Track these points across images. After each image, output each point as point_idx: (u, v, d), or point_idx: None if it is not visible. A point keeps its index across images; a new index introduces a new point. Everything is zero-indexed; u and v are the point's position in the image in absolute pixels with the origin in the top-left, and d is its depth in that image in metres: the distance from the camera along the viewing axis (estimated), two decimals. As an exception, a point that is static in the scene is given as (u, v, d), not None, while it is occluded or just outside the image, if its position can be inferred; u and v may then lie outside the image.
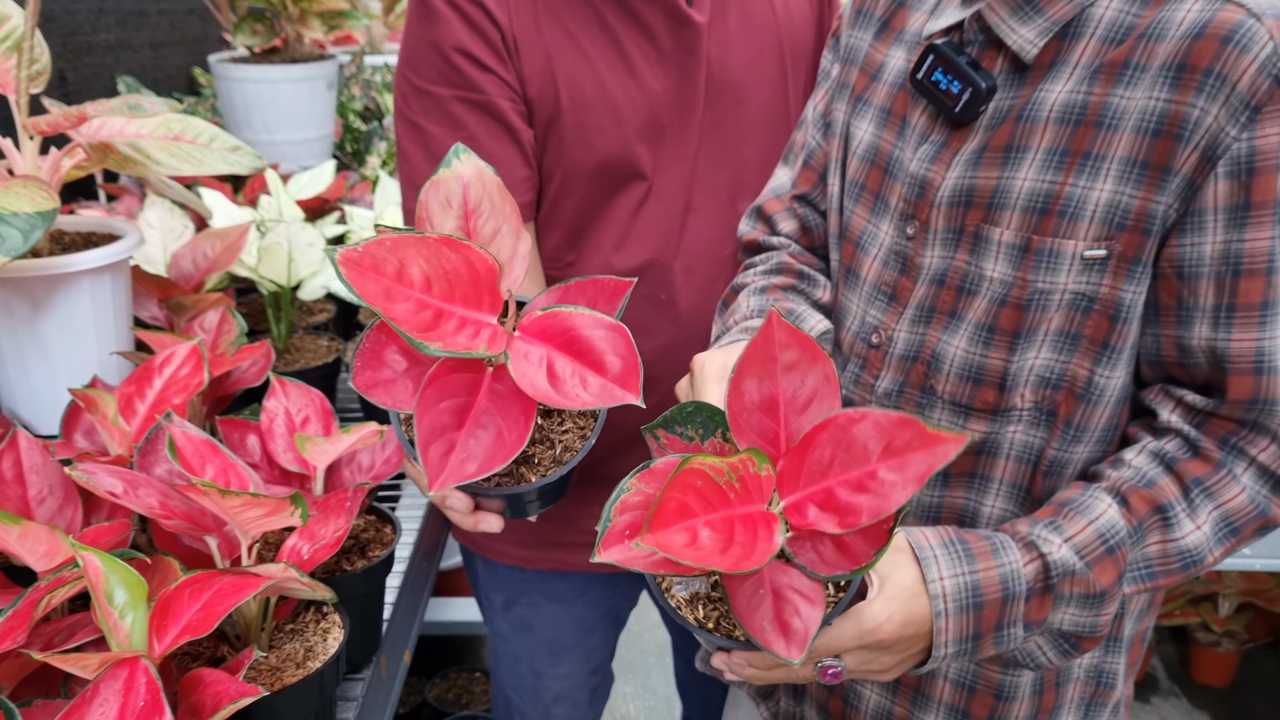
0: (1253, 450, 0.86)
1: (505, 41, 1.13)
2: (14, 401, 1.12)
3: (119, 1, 2.14)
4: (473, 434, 0.73)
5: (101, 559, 0.70)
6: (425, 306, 0.71)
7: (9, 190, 1.00)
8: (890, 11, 1.05)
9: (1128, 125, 0.83)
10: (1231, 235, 0.82)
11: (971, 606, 0.82)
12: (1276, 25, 0.79)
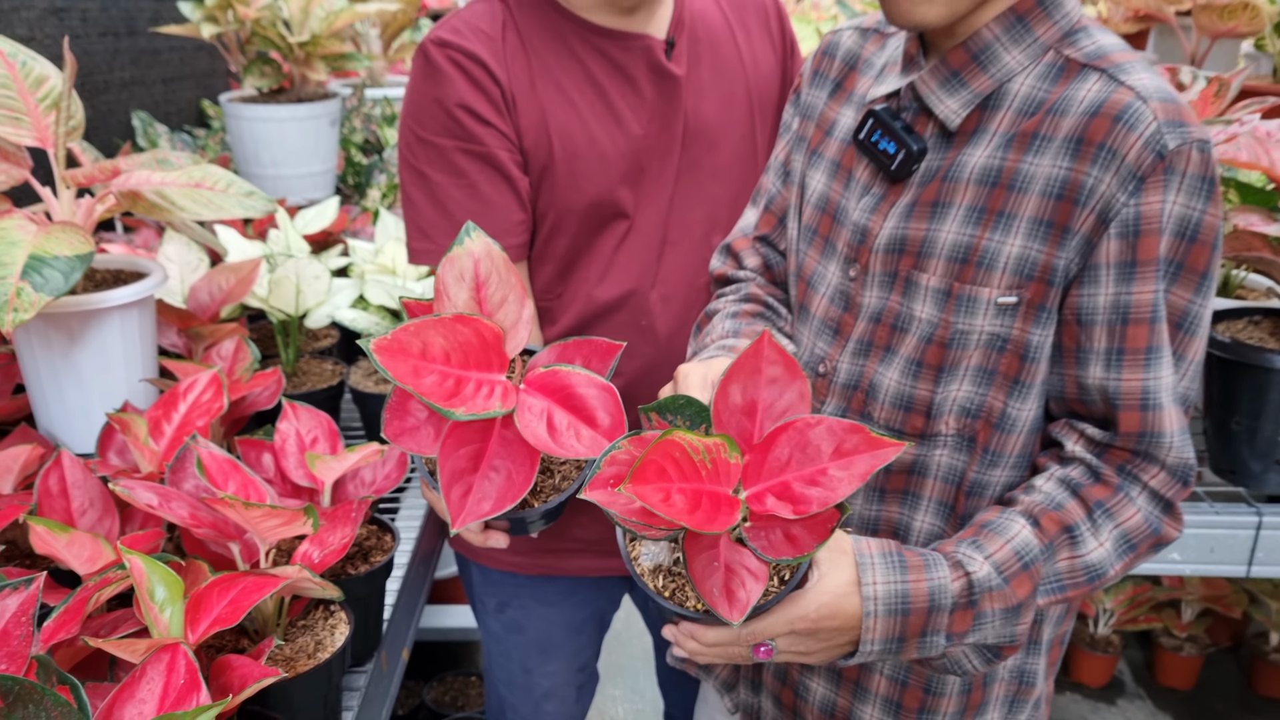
0: (1145, 476, 0.98)
1: (504, 97, 1.26)
2: (50, 423, 1.24)
3: (133, 41, 2.28)
4: (486, 476, 0.86)
5: (145, 561, 0.82)
6: (447, 376, 0.84)
7: (50, 235, 1.13)
8: (843, 74, 1.18)
9: (1036, 189, 0.95)
10: (1121, 288, 0.94)
11: (899, 612, 0.93)
12: (1160, 107, 0.91)
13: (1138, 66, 0.95)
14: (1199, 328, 0.97)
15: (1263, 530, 1.49)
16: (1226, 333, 1.53)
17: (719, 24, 1.39)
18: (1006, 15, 0.98)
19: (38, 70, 1.22)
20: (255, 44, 1.92)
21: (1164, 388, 0.95)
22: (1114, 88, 0.93)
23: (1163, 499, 0.97)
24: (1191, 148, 0.90)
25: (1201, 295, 0.95)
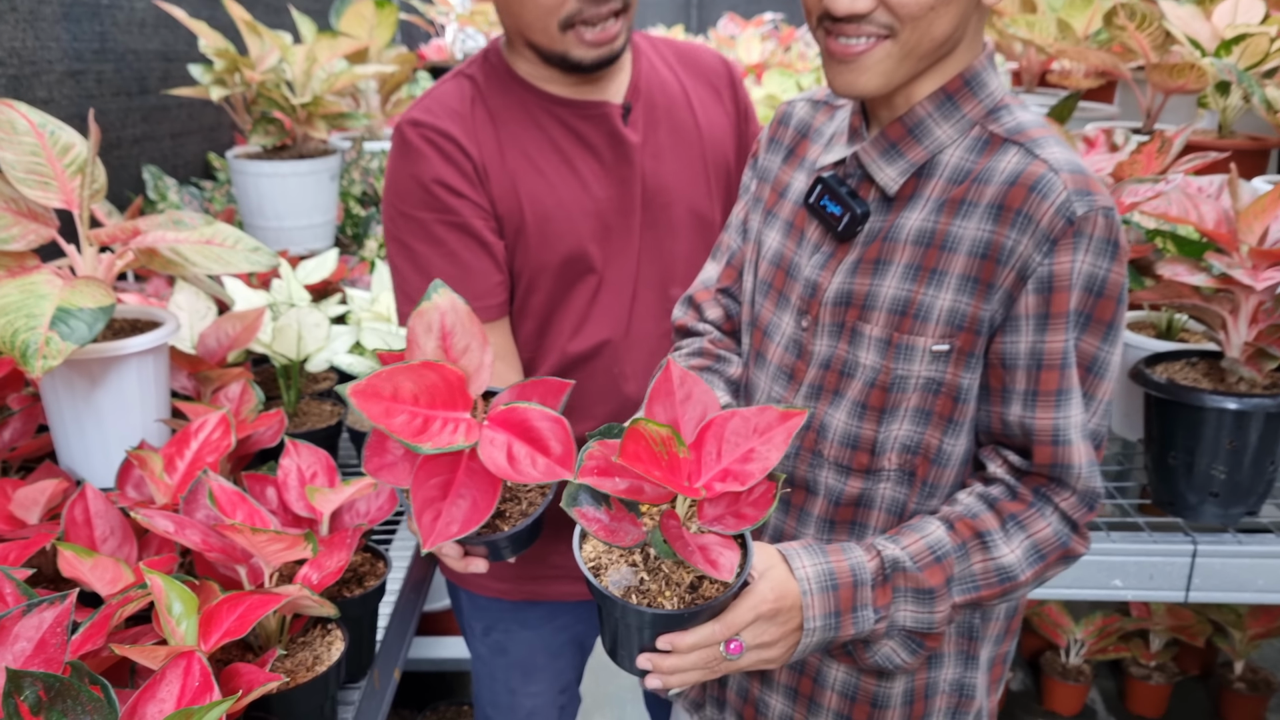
0: (1057, 499, 1.09)
1: (476, 170, 1.38)
2: (71, 460, 1.35)
3: (144, 99, 2.41)
4: (454, 503, 0.98)
5: (164, 580, 0.93)
6: (416, 416, 0.96)
7: (75, 289, 1.25)
8: (796, 141, 1.30)
9: (964, 249, 1.07)
10: (1037, 337, 1.06)
11: (830, 587, 1.05)
12: (1069, 178, 1.03)
13: (1050, 141, 1.07)
14: (1107, 371, 1.08)
15: (1198, 558, 1.60)
16: (1164, 374, 1.64)
17: (675, 90, 1.52)
18: (938, 94, 1.10)
19: (64, 139, 1.34)
20: (260, 104, 2.05)
21: (1073, 425, 1.07)
22: (1030, 160, 1.05)
23: (1071, 519, 1.09)
24: (1097, 214, 1.02)
25: (1108, 343, 1.07)
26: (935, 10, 1.01)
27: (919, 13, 1.01)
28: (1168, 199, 1.58)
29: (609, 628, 1.01)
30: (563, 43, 1.36)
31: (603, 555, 1.01)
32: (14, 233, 1.28)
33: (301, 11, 3.32)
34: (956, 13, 1.02)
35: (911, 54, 1.04)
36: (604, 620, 1.02)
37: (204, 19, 2.50)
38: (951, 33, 1.04)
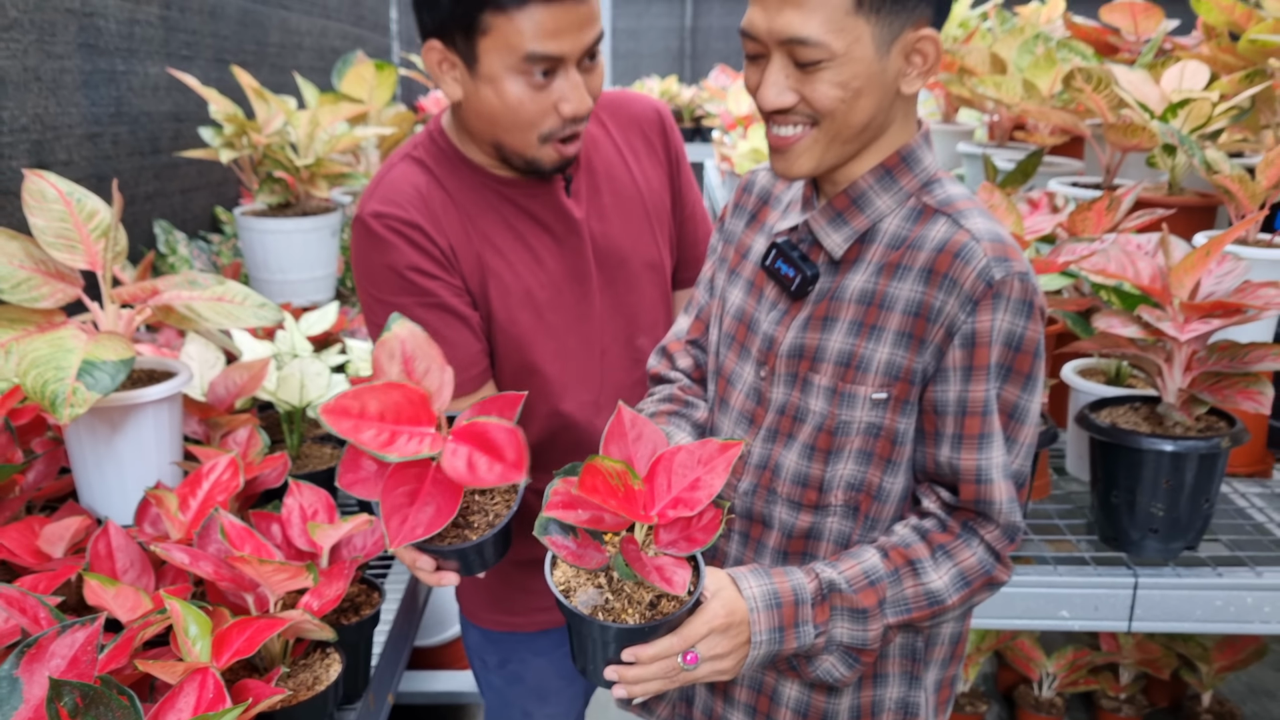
0: (982, 531, 1.21)
1: (445, 254, 1.47)
2: (92, 499, 1.47)
3: (156, 158, 2.55)
4: (420, 509, 1.10)
5: (182, 606, 1.05)
6: (383, 430, 1.08)
7: (99, 343, 1.37)
8: (757, 207, 1.43)
9: (899, 308, 1.20)
10: (963, 387, 1.18)
11: (774, 605, 1.17)
12: (989, 246, 1.16)
13: (975, 213, 1.20)
14: (1026, 417, 1.21)
15: (1140, 590, 1.71)
16: (1108, 418, 1.76)
17: (611, 151, 1.63)
18: (878, 169, 1.23)
19: (90, 205, 1.47)
20: (266, 165, 2.19)
21: (995, 465, 1.19)
22: (956, 230, 1.18)
23: (994, 550, 1.21)
24: (1014, 278, 1.15)
25: (1028, 392, 1.20)
26: (849, 103, 1.14)
27: (834, 106, 1.14)
28: (1106, 256, 1.71)
29: (578, 643, 1.13)
30: (537, 151, 1.45)
31: (571, 579, 1.13)
32: (44, 292, 1.40)
33: (305, 68, 3.48)
34: (873, 103, 1.15)
35: (836, 140, 1.17)
36: (573, 637, 1.13)
37: (213, 82, 2.65)
38: (870, 120, 1.17)
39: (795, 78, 1.16)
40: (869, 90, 1.15)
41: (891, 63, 1.15)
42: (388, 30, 5.08)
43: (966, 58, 3.05)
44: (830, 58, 1.13)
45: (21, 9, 1.94)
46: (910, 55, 1.16)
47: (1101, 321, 1.66)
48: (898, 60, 1.16)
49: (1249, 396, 1.66)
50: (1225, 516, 1.91)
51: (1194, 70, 2.33)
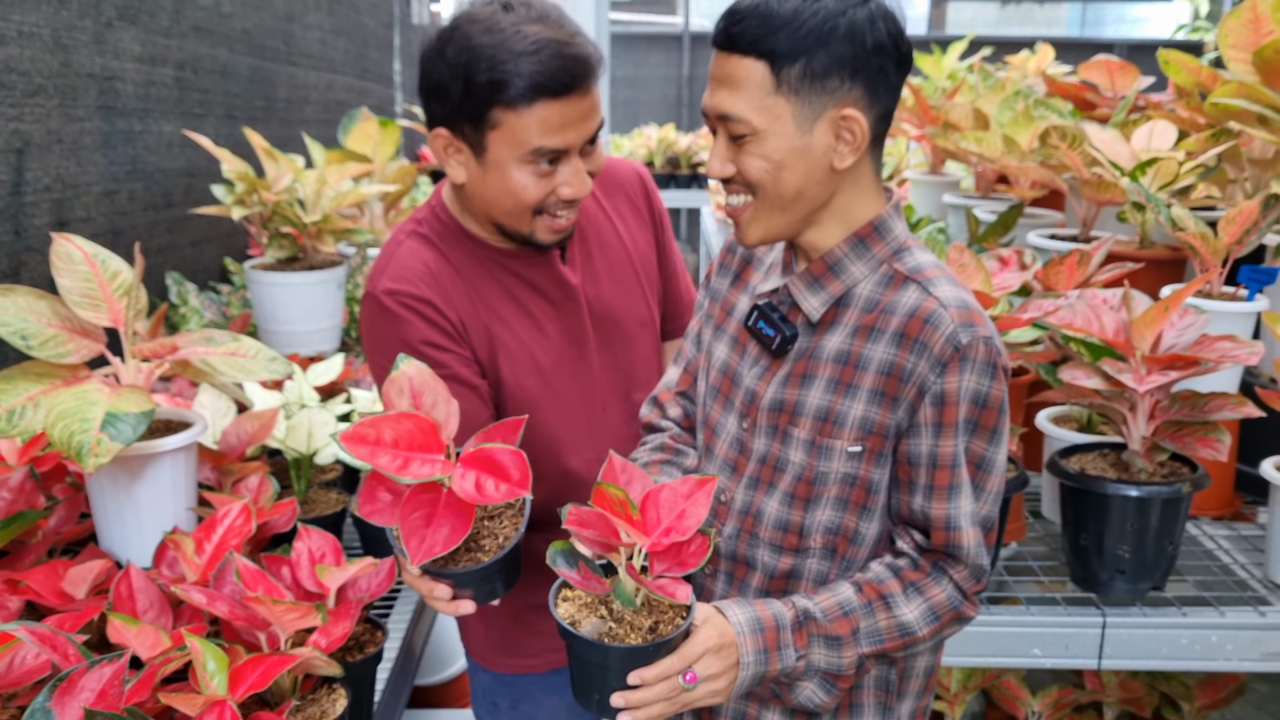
0: (952, 571, 1.30)
1: (455, 327, 1.57)
2: (111, 543, 1.56)
3: (169, 212, 2.66)
4: (436, 529, 1.19)
5: (201, 643, 1.13)
6: (397, 456, 1.18)
7: (121, 396, 1.46)
8: (741, 268, 1.52)
9: (873, 368, 1.29)
10: (933, 441, 1.28)
11: (758, 629, 1.26)
12: (956, 313, 1.25)
13: (942, 280, 1.30)
14: (993, 468, 1.30)
15: (1108, 629, 1.79)
16: (1077, 465, 1.85)
17: (601, 218, 1.73)
18: (852, 238, 1.33)
19: (113, 266, 1.57)
20: (276, 221, 2.29)
21: (963, 514, 1.28)
22: (925, 297, 1.28)
23: (961, 589, 1.30)
24: (979, 342, 1.25)
25: (994, 445, 1.29)
26: (773, 174, 1.26)
27: (760, 177, 1.26)
28: (1073, 310, 1.81)
29: (583, 673, 1.23)
30: (530, 225, 1.54)
31: (575, 613, 1.24)
32: (69, 348, 1.50)
33: (311, 121, 3.60)
34: (798, 176, 1.26)
35: (773, 209, 1.29)
36: (577, 668, 1.23)
37: (224, 138, 2.77)
38: (800, 190, 1.27)
39: (732, 150, 1.28)
40: (791, 164, 1.25)
41: (817, 139, 1.25)
42: (391, 82, 5.22)
43: (951, 113, 3.16)
44: (753, 133, 1.25)
45: (46, 75, 2.05)
46: (838, 133, 1.26)
47: (1066, 373, 1.76)
48: (825, 137, 1.26)
49: (1208, 444, 1.75)
50: (1193, 558, 1.99)
51: (1162, 130, 2.44)
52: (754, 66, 1.23)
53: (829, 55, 1.22)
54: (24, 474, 1.56)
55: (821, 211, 1.32)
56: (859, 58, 1.23)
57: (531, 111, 1.45)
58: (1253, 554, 1.99)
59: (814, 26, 1.21)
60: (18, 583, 1.40)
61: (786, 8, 1.22)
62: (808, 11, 1.21)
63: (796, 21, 1.21)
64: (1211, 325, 1.82)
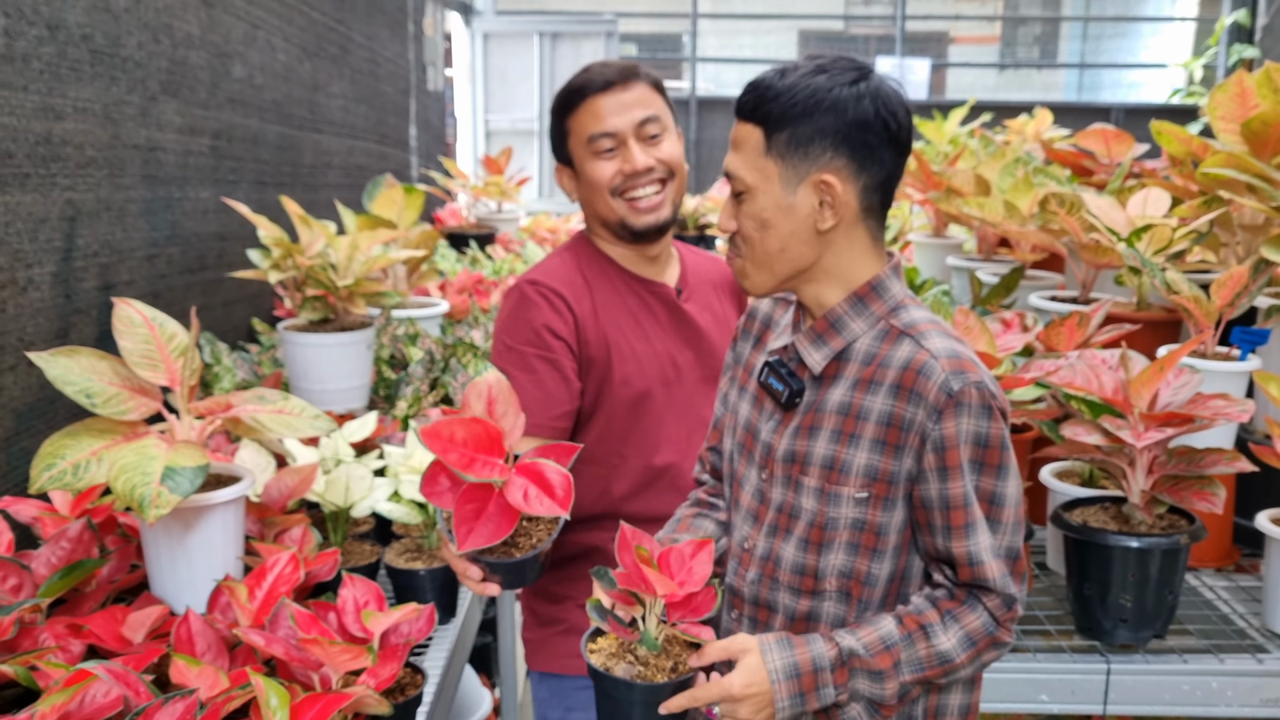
0: (986, 601, 1.38)
1: (576, 323, 1.85)
2: (163, 590, 1.64)
3: (203, 274, 2.77)
4: (484, 524, 1.36)
5: (265, 681, 1.21)
6: (465, 455, 1.35)
7: (178, 451, 1.55)
8: (761, 331, 1.63)
9: (873, 418, 1.39)
10: (941, 485, 1.36)
11: (794, 675, 1.35)
12: (946, 362, 1.35)
13: (934, 334, 1.39)
14: (1006, 501, 1.38)
15: (1112, 675, 1.86)
16: (1080, 518, 1.94)
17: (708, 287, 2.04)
18: (851, 297, 1.43)
19: (170, 329, 1.66)
20: (309, 284, 2.39)
21: (983, 549, 1.36)
22: (917, 350, 1.38)
23: (994, 615, 1.38)
24: (970, 387, 1.34)
25: (1002, 480, 1.38)
26: (760, 231, 1.40)
27: (749, 232, 1.42)
28: (1073, 370, 1.90)
29: (611, 710, 1.35)
30: (620, 211, 1.89)
31: (605, 660, 1.35)
32: (129, 406, 1.59)
33: (334, 185, 3.73)
34: (782, 234, 1.39)
35: (761, 264, 1.43)
36: (606, 705, 1.36)
37: (254, 202, 2.88)
38: (783, 248, 1.40)
39: (734, 207, 1.44)
40: (776, 222, 1.39)
41: (800, 200, 1.38)
42: (408, 146, 5.37)
43: (953, 179, 3.28)
44: (747, 190, 1.41)
45: (97, 148, 2.17)
46: (821, 197, 1.38)
47: (1068, 430, 1.85)
48: (808, 199, 1.39)
49: (1204, 498, 1.84)
50: (1193, 608, 2.07)
51: (1156, 197, 2.55)
52: (752, 131, 1.39)
53: (813, 125, 1.36)
54: (82, 525, 1.64)
55: (814, 270, 1.43)
56: (840, 130, 1.36)
57: (584, 108, 1.88)
58: (1251, 604, 2.07)
59: (803, 99, 1.36)
60: (80, 627, 1.48)
61: (784, 83, 1.38)
62: (800, 86, 1.36)
63: (789, 94, 1.36)
64: (1206, 384, 1.92)
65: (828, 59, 1.40)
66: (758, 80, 1.41)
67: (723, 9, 11.99)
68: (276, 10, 3.29)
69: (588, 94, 1.88)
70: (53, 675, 1.32)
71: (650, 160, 1.88)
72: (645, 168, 1.87)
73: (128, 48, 2.30)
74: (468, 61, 8.28)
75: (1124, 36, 12.43)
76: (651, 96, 1.91)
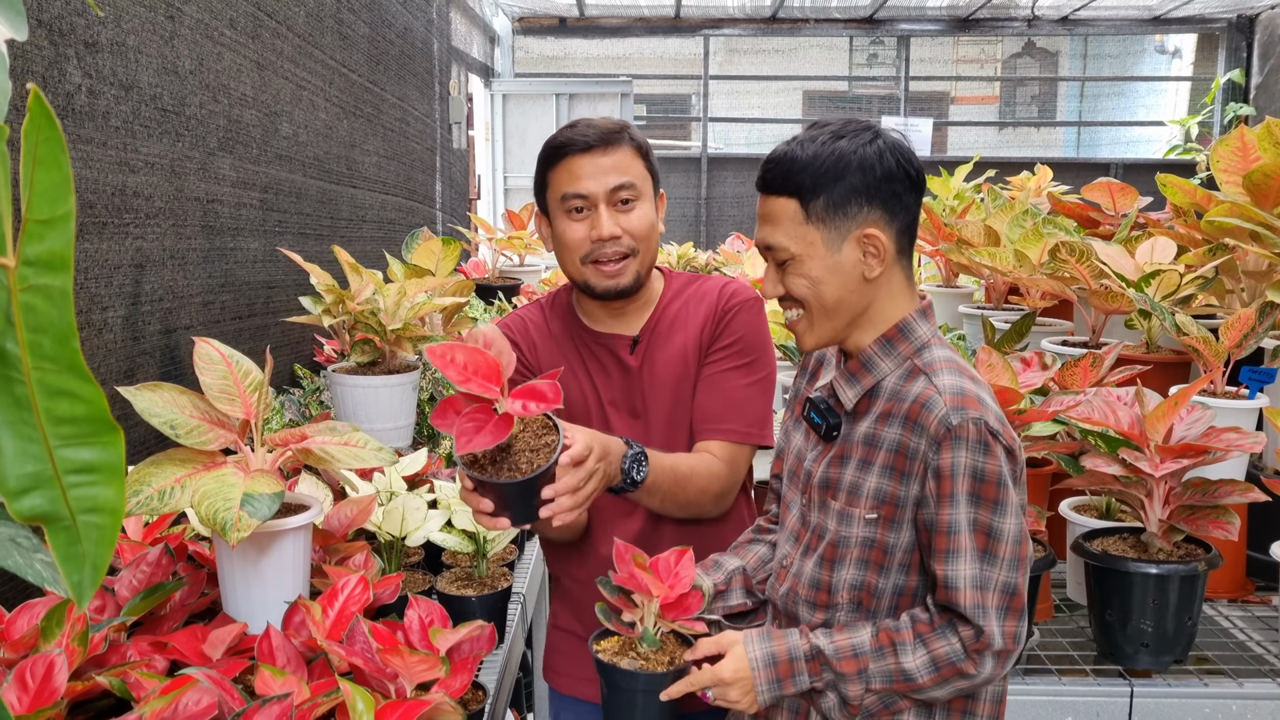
0: (959, 627, 1.46)
1: (528, 367, 1.94)
2: (236, 611, 1.73)
3: (251, 321, 2.89)
4: (482, 434, 1.47)
5: (352, 687, 1.31)
6: (463, 374, 1.50)
7: (254, 479, 1.66)
8: (815, 368, 1.74)
9: (885, 446, 1.50)
10: (935, 511, 1.47)
11: (771, 663, 1.48)
12: (950, 398, 1.46)
13: (946, 372, 1.50)
14: (1002, 535, 1.46)
15: (1135, 698, 1.95)
16: (1100, 547, 2.03)
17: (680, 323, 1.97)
18: (880, 339, 1.55)
19: (245, 366, 1.78)
20: (359, 329, 2.51)
21: (960, 576, 1.45)
22: (927, 385, 1.49)
23: (965, 645, 1.45)
24: (969, 423, 1.44)
25: (999, 514, 1.46)
26: (814, 290, 1.51)
27: (804, 293, 1.51)
28: (1091, 405, 2.01)
29: (616, 698, 1.54)
30: (584, 273, 1.90)
31: (612, 657, 1.55)
32: (209, 437, 1.70)
33: (368, 238, 3.86)
34: (836, 288, 1.50)
35: (822, 318, 1.53)
36: (611, 694, 1.55)
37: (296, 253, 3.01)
38: (840, 300, 1.51)
39: (780, 274, 1.54)
40: (827, 279, 1.50)
41: (845, 256, 1.50)
42: (434, 202, 5.53)
43: (963, 230, 3.41)
44: (792, 258, 1.51)
45: (164, 200, 2.30)
46: (865, 250, 1.49)
47: (1089, 461, 1.95)
48: (853, 253, 1.51)
49: (1219, 526, 1.94)
50: (1211, 635, 2.16)
51: (1163, 245, 2.68)
52: (786, 204, 1.50)
53: (846, 187, 1.47)
54: (160, 550, 1.74)
55: (863, 316, 1.54)
56: (871, 186, 1.49)
57: (562, 166, 1.89)
58: (1267, 631, 2.16)
59: (831, 165, 1.47)
60: (164, 644, 1.58)
61: (807, 152, 1.49)
62: (824, 153, 1.48)
63: (816, 163, 1.48)
64: (1216, 421, 2.02)
65: (837, 123, 1.54)
66: (779, 156, 1.52)
67: (731, 71, 12.26)
68: (319, 72, 3.44)
69: (568, 153, 1.88)
70: (146, 686, 1.42)
71: (617, 229, 1.86)
72: (611, 235, 1.86)
73: (191, 107, 2.44)
74: (487, 121, 8.50)
75: (1120, 95, 12.68)
76: (631, 162, 1.89)
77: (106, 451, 0.72)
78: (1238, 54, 9.89)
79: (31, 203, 0.65)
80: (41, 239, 0.66)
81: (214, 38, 2.58)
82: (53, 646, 1.44)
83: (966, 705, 1.56)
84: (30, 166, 0.65)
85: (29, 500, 0.72)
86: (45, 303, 0.68)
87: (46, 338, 0.68)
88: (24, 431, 0.71)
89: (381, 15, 4.38)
